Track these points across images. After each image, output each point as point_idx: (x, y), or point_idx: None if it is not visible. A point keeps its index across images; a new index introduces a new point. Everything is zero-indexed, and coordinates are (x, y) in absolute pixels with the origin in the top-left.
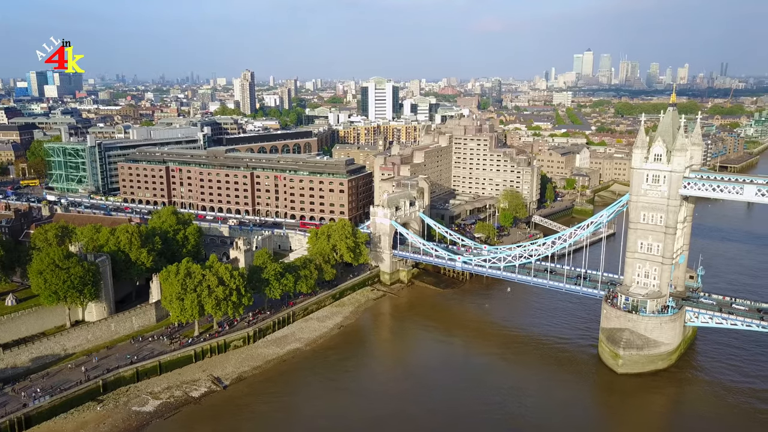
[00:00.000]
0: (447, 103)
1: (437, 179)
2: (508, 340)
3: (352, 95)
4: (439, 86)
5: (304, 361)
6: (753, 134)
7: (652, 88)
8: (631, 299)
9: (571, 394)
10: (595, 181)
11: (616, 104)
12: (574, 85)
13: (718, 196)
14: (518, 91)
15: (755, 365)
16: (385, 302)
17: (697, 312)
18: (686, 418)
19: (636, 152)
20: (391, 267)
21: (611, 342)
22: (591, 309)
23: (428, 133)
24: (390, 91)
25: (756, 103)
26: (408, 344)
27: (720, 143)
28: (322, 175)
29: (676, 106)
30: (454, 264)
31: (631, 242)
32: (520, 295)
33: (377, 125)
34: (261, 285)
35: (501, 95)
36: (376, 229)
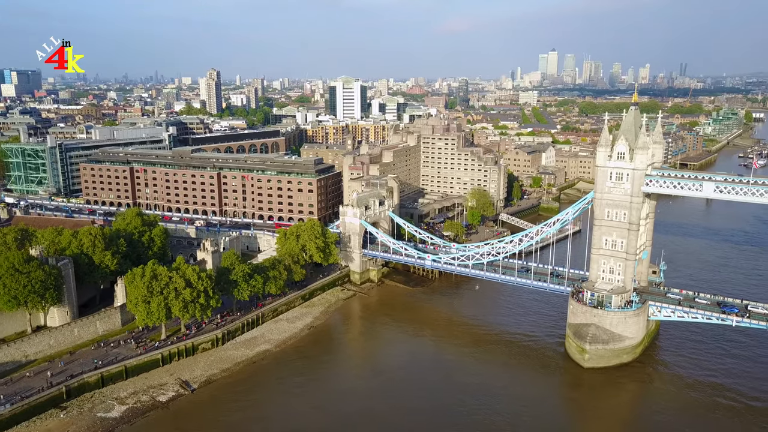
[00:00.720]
0: (415, 103)
1: (406, 178)
2: (477, 337)
3: (320, 94)
4: (407, 86)
5: (274, 363)
6: (711, 132)
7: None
8: (596, 295)
9: (539, 389)
10: (561, 179)
11: (580, 103)
12: (540, 84)
13: (678, 192)
14: (485, 91)
15: (715, 358)
16: (355, 302)
17: (660, 306)
18: (650, 411)
19: (600, 151)
20: (361, 266)
21: (578, 337)
22: (558, 305)
23: (397, 133)
24: (358, 90)
25: (713, 103)
26: (378, 343)
27: (680, 141)
28: (290, 175)
29: (638, 106)
30: (423, 262)
31: (596, 239)
32: (489, 292)
33: (346, 125)
34: (229, 286)
35: (468, 95)
36: (346, 228)
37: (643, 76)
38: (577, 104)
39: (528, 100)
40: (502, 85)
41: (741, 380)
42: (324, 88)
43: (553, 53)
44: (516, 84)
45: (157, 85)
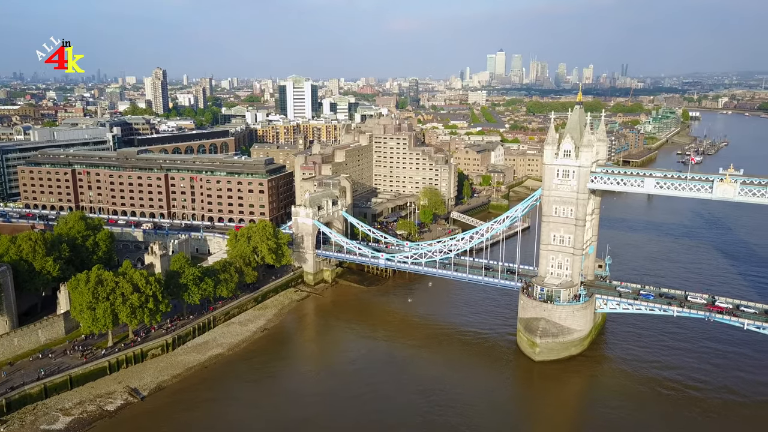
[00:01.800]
0: (366, 103)
1: (359, 178)
2: (432, 334)
3: (270, 94)
4: (357, 85)
5: (227, 367)
6: (651, 131)
7: (560, 88)
8: (545, 289)
9: (492, 384)
10: (510, 177)
11: (527, 103)
12: (488, 84)
13: (622, 189)
14: (435, 91)
15: (658, 348)
16: (309, 303)
17: (606, 299)
18: (599, 400)
19: (547, 149)
20: (315, 267)
21: (528, 331)
22: (509, 300)
23: (349, 132)
24: (309, 90)
25: (653, 102)
26: (333, 343)
27: (623, 139)
28: (240, 176)
29: (582, 105)
30: (377, 261)
31: (545, 235)
32: (442, 289)
33: (297, 124)
34: (179, 290)
35: (418, 95)
36: (299, 229)
37: (587, 76)
38: (525, 103)
39: (477, 99)
40: (451, 85)
41: (681, 369)
42: (274, 87)
43: (500, 53)
44: (465, 84)
45: (99, 84)
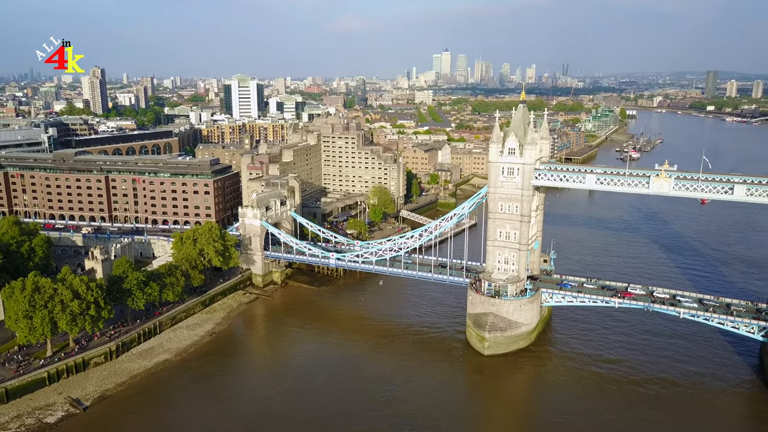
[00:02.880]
0: (313, 102)
1: (307, 177)
2: (383, 331)
3: (214, 93)
4: (304, 84)
5: (175, 372)
6: (591, 129)
7: (504, 87)
8: (493, 285)
9: (444, 378)
10: (457, 176)
11: (473, 102)
12: (434, 84)
13: (564, 185)
14: (382, 90)
15: (601, 339)
16: (258, 305)
17: (551, 293)
18: (547, 391)
19: (492, 147)
20: (264, 269)
21: (477, 326)
22: (458, 296)
23: (296, 132)
24: (254, 89)
25: (592, 101)
26: (284, 345)
27: (564, 137)
28: (185, 177)
29: (525, 104)
30: (327, 261)
31: (491, 231)
32: (393, 287)
33: (242, 124)
34: (122, 296)
35: (366, 94)
36: (246, 230)
37: (530, 75)
38: (470, 103)
39: (424, 99)
40: (398, 85)
41: (623, 359)
42: (218, 86)
43: (446, 53)
44: (412, 83)
45: (33, 83)
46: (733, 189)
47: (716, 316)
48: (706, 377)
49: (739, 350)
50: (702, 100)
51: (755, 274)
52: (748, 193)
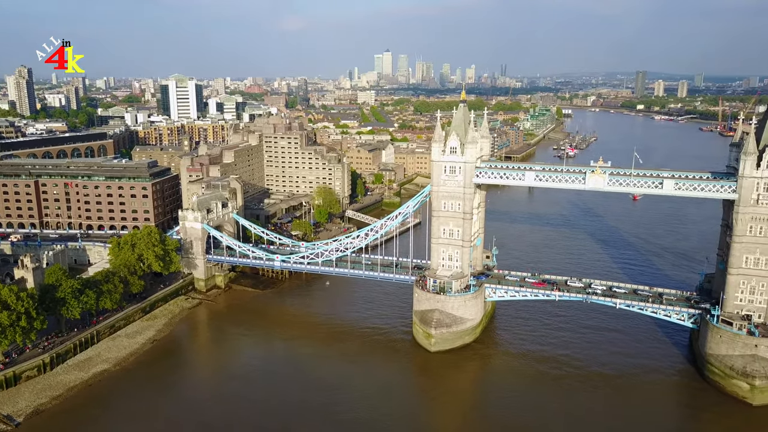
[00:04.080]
0: (254, 102)
1: (250, 179)
2: (331, 332)
3: (151, 94)
4: (245, 85)
5: (116, 383)
6: (530, 127)
7: (445, 87)
8: (438, 281)
9: (392, 376)
10: (401, 175)
11: (415, 102)
12: (377, 84)
13: (505, 182)
14: (324, 90)
15: (543, 332)
16: (201, 310)
17: (494, 288)
18: (493, 384)
19: (434, 146)
20: (206, 273)
21: (423, 323)
22: (404, 294)
23: (237, 132)
24: (193, 89)
25: (530, 101)
26: (229, 349)
27: (504, 136)
28: (121, 180)
29: (466, 103)
30: (272, 264)
31: (435, 229)
32: (339, 288)
33: (181, 125)
34: (56, 305)
35: (308, 94)
36: (187, 234)
37: (470, 76)
38: (412, 103)
39: (366, 99)
40: (340, 85)
41: (564, 350)
42: (155, 87)
43: (387, 54)
44: (354, 84)
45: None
46: (663, 184)
47: (650, 306)
48: (642, 365)
49: (671, 337)
50: (632, 100)
51: (685, 265)
52: (677, 187)
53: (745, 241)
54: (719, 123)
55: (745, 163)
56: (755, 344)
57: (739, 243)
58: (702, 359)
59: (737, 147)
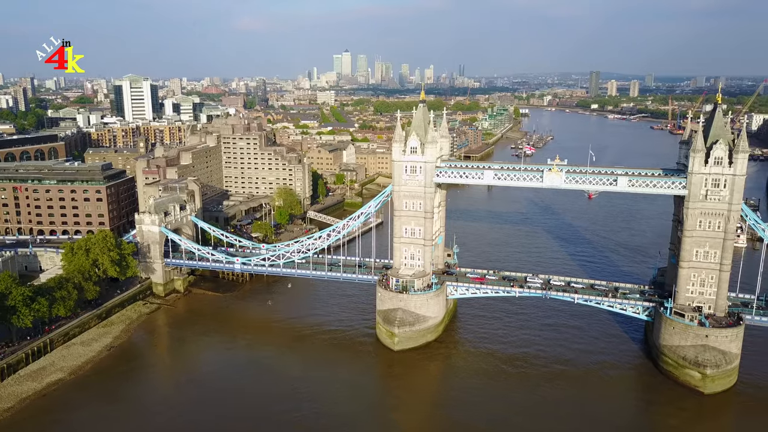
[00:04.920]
0: (212, 103)
1: (208, 180)
2: (294, 334)
3: (104, 95)
4: (202, 85)
5: (72, 392)
6: (488, 127)
7: (404, 88)
8: (401, 280)
9: (356, 376)
10: (362, 175)
11: (374, 102)
12: (336, 84)
13: (464, 181)
14: (283, 91)
15: (504, 328)
16: (160, 315)
17: (456, 286)
18: (456, 381)
19: (395, 146)
20: (165, 277)
21: (387, 322)
22: (367, 294)
23: (194, 133)
24: (148, 90)
25: (488, 101)
26: (190, 354)
27: (463, 136)
28: (74, 184)
29: (425, 103)
30: (232, 267)
31: (397, 228)
32: (302, 289)
33: (136, 126)
34: (6, 314)
35: (267, 94)
36: (144, 237)
37: (429, 76)
38: (372, 103)
39: (326, 99)
40: (300, 85)
41: (524, 345)
42: (108, 87)
43: (346, 54)
44: (313, 84)
45: None
46: (617, 181)
47: (606, 300)
48: (600, 357)
49: (627, 330)
50: (587, 99)
51: (639, 259)
52: (630, 184)
53: (695, 235)
54: (669, 122)
55: (693, 160)
56: (706, 335)
57: (690, 237)
58: (656, 350)
59: (686, 145)
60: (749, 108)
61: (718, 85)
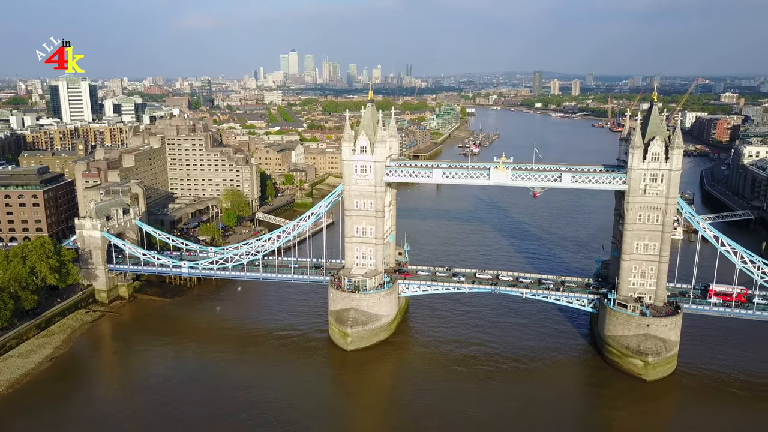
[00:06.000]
0: (155, 103)
1: (152, 183)
2: (245, 338)
3: (39, 95)
4: (144, 85)
5: (7, 407)
6: (436, 127)
7: (352, 87)
8: (353, 280)
9: (309, 378)
10: (312, 175)
11: (323, 102)
12: (283, 84)
13: (414, 180)
14: (229, 91)
15: (456, 325)
16: (104, 323)
17: (407, 283)
18: (410, 378)
19: (344, 146)
20: (108, 283)
21: (339, 322)
22: (319, 295)
23: (137, 135)
24: (87, 90)
25: (435, 100)
26: (138, 362)
27: (412, 135)
28: (8, 188)
29: (374, 103)
30: (180, 271)
31: (348, 228)
32: (252, 292)
33: (75, 128)
34: None
35: (212, 95)
36: (85, 243)
37: (376, 76)
38: (320, 103)
39: (273, 99)
40: (246, 85)
41: (474, 341)
42: (44, 88)
43: (293, 54)
44: (260, 84)
45: None
46: (561, 177)
47: (553, 293)
48: (548, 349)
49: (574, 322)
50: (531, 98)
51: (583, 253)
52: (574, 180)
53: (636, 228)
54: (609, 119)
55: (633, 156)
56: (647, 324)
57: (630, 230)
58: (601, 341)
59: (626, 141)
60: (683, 106)
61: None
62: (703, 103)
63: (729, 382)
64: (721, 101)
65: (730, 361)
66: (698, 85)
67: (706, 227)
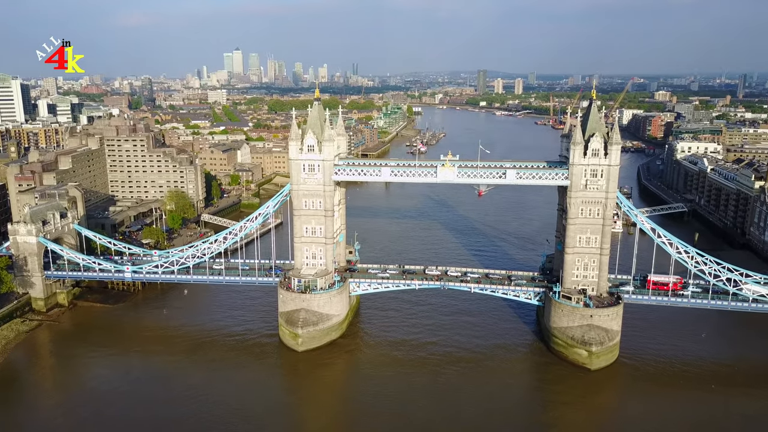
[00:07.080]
0: (93, 103)
1: (91, 185)
2: (193, 342)
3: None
4: (81, 84)
5: None
6: (383, 125)
7: (298, 86)
8: (303, 281)
9: (260, 380)
10: (259, 175)
11: (269, 101)
12: (228, 83)
13: (363, 179)
14: (172, 90)
15: (406, 323)
16: (42, 333)
17: (358, 282)
18: (362, 376)
19: (292, 145)
20: (45, 291)
21: (290, 324)
22: (268, 297)
23: (74, 136)
24: (18, 89)
25: (382, 99)
26: (80, 372)
27: (359, 134)
28: None
29: (320, 102)
30: (122, 275)
31: (297, 228)
32: (199, 296)
33: (6, 130)
34: None
35: (154, 94)
36: (20, 249)
37: (323, 75)
38: (266, 102)
39: (217, 98)
40: (189, 84)
41: (426, 338)
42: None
43: (237, 52)
44: (204, 83)
45: None
46: (506, 174)
47: (501, 288)
48: (496, 342)
49: (521, 315)
50: (475, 97)
51: (529, 247)
52: (518, 176)
53: (578, 222)
54: (551, 117)
55: (574, 152)
56: (590, 315)
57: (573, 225)
58: (547, 332)
59: (567, 138)
60: (620, 104)
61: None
62: (639, 101)
63: (667, 369)
64: (656, 99)
65: (668, 347)
66: (634, 84)
67: (643, 220)
